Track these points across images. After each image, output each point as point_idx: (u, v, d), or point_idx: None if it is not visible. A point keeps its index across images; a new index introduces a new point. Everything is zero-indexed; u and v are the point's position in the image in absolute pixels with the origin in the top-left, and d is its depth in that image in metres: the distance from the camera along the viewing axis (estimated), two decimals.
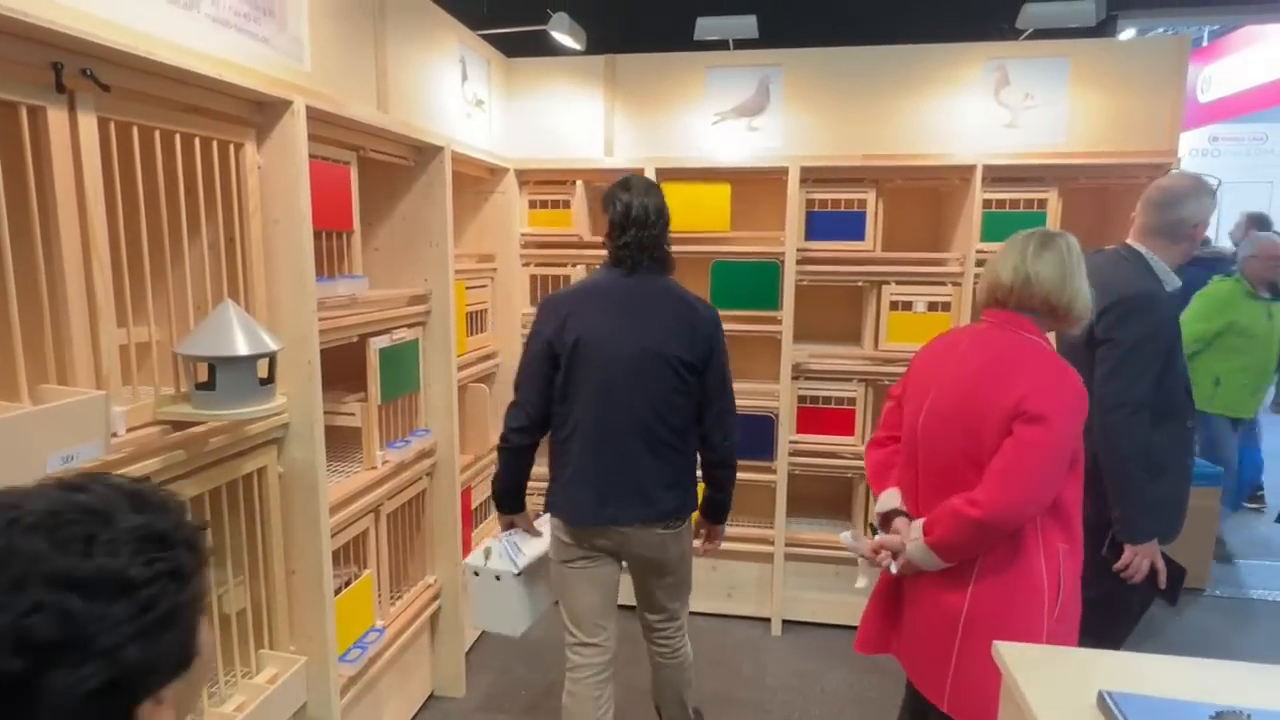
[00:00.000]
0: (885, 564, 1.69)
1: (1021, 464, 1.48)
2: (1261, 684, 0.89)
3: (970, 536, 1.51)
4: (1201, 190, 2.00)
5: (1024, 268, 1.59)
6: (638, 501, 1.88)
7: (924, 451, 1.66)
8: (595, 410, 1.87)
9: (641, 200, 1.90)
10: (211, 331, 1.45)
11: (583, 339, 1.86)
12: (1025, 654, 0.95)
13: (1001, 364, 1.56)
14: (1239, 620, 3.33)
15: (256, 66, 1.59)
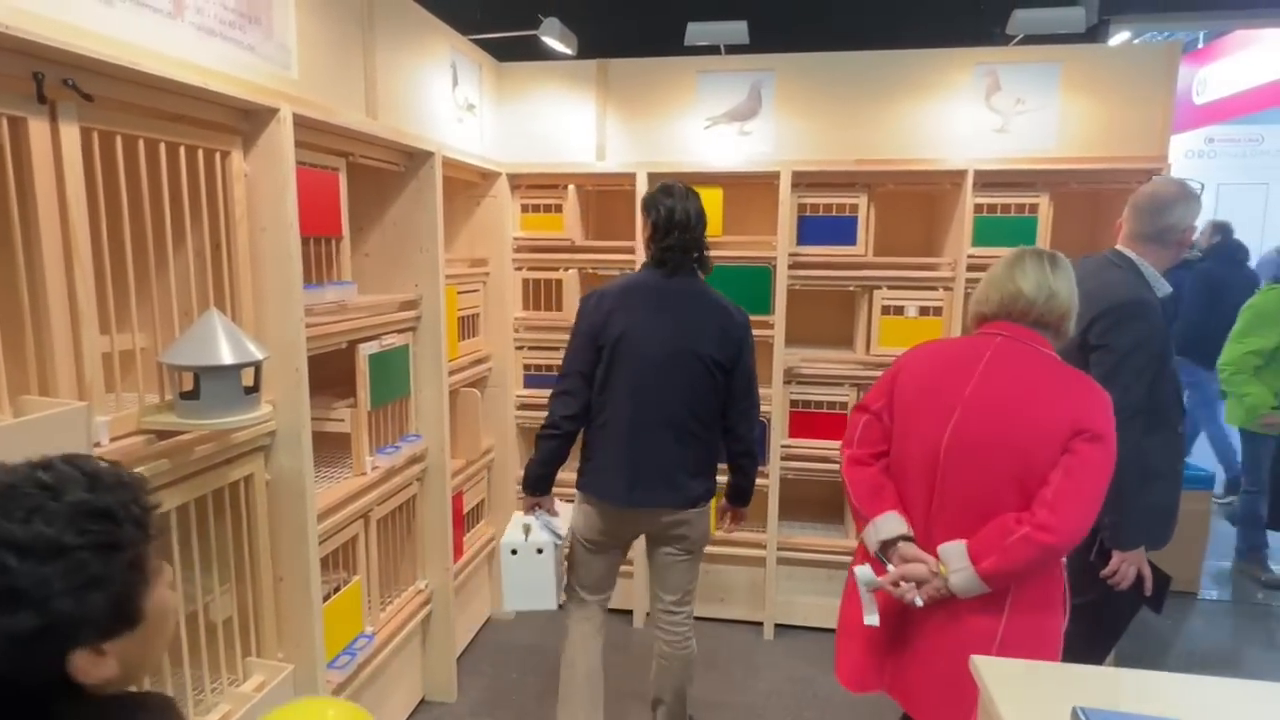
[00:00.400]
0: (909, 597, 1.55)
1: (1089, 483, 1.45)
2: (1234, 699, 0.89)
3: (1036, 561, 1.45)
4: (1188, 196, 2.00)
5: (1048, 283, 1.58)
6: (666, 487, 2.04)
7: (948, 473, 1.56)
8: (632, 400, 2.02)
9: (683, 205, 2.05)
10: (196, 340, 1.45)
11: (626, 334, 2.01)
12: (1002, 669, 0.95)
13: (1045, 381, 1.52)
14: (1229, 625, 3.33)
15: (243, 75, 1.59)
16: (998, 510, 1.50)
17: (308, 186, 1.85)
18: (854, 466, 1.72)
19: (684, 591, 2.20)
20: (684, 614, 2.21)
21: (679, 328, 2.03)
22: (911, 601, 1.55)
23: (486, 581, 3.24)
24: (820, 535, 3.16)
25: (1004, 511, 1.49)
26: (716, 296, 2.10)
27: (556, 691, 2.25)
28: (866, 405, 1.74)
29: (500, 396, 3.18)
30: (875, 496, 1.66)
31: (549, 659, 2.94)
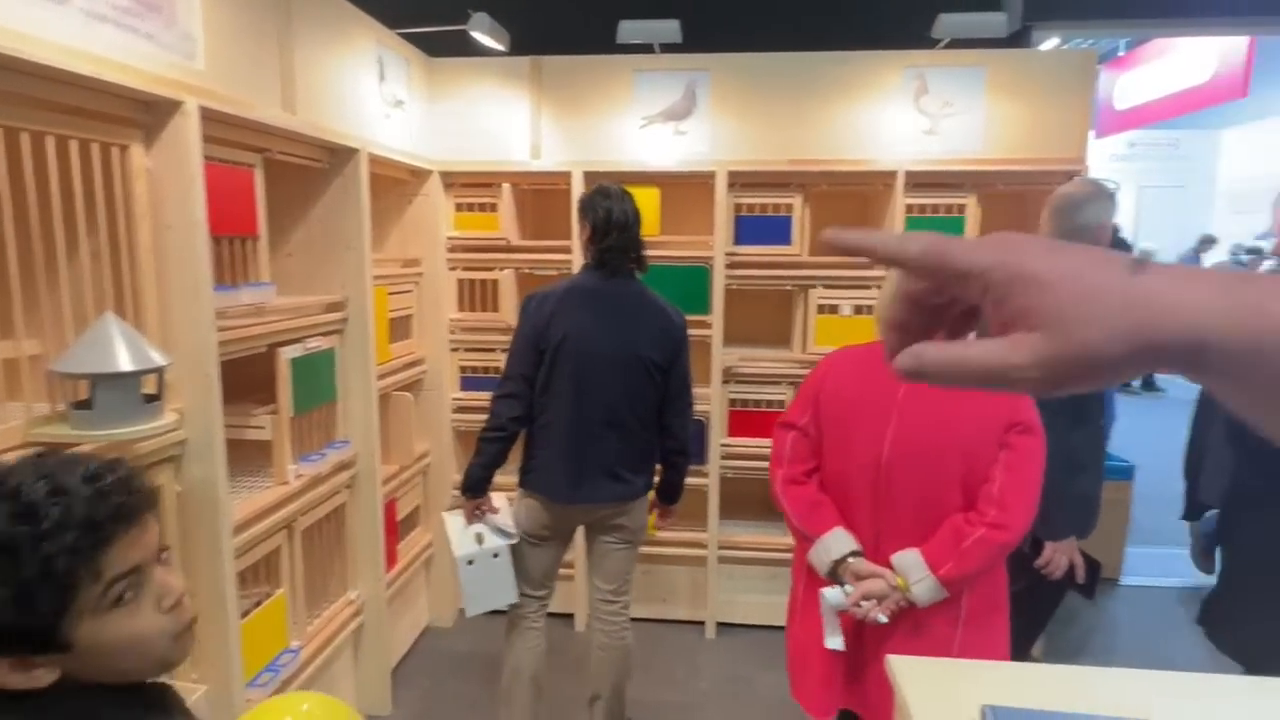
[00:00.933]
0: (872, 616, 1.52)
1: (1030, 475, 1.47)
2: (1135, 691, 0.91)
3: (993, 560, 1.46)
4: (1101, 194, 2.06)
5: None
6: (610, 482, 2.12)
7: (894, 482, 1.55)
8: (575, 401, 2.08)
9: (621, 206, 2.09)
10: (91, 346, 1.36)
11: (568, 336, 2.06)
12: (916, 668, 0.95)
13: None
14: (1148, 608, 3.47)
15: (141, 65, 1.50)
16: (943, 514, 1.50)
17: (219, 183, 1.76)
18: (789, 486, 1.68)
19: (621, 580, 2.26)
20: (621, 603, 2.27)
21: (620, 330, 2.08)
22: (875, 620, 1.52)
23: (424, 589, 3.16)
24: (760, 533, 3.18)
25: (951, 514, 1.49)
26: (655, 298, 2.16)
27: (495, 699, 2.24)
28: (792, 421, 1.71)
29: (436, 400, 3.11)
30: (816, 515, 1.63)
31: (488, 666, 2.89)
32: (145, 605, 0.74)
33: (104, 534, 0.70)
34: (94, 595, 0.70)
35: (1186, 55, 7.50)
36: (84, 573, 0.69)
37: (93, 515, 0.69)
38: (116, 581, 0.71)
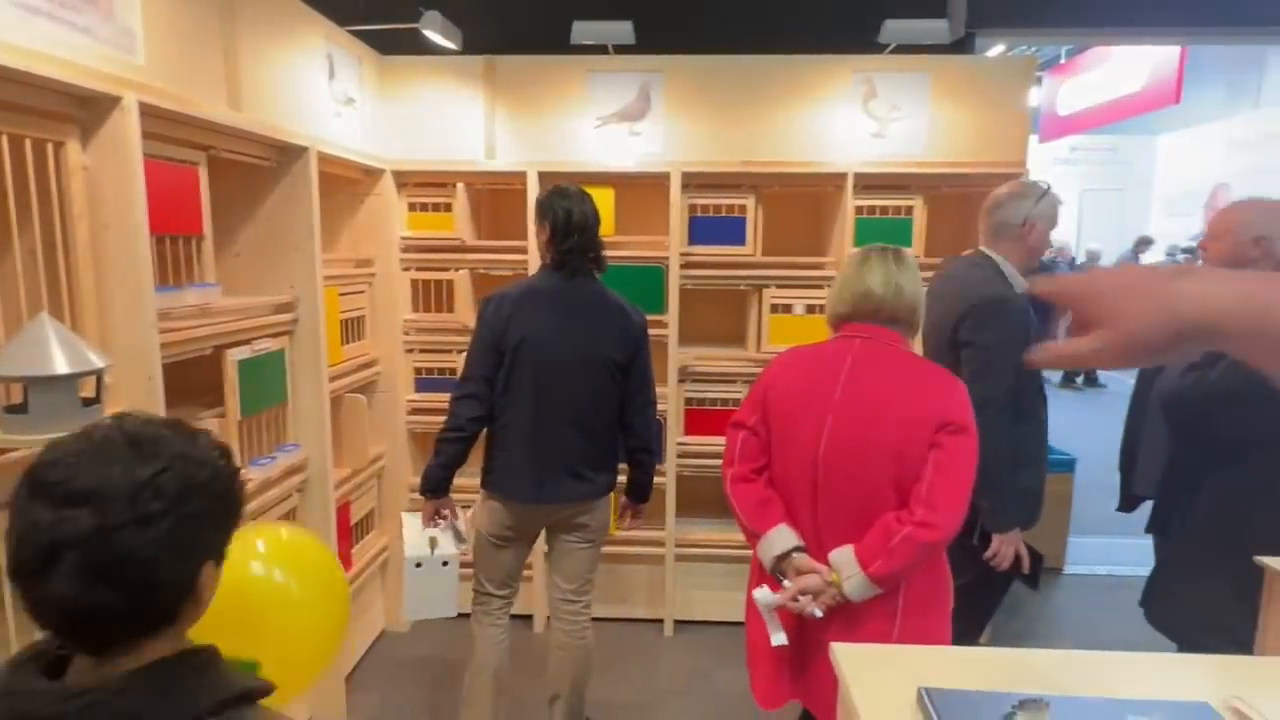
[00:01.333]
0: (808, 610, 1.56)
1: (961, 475, 1.49)
2: (1066, 671, 0.95)
3: (921, 558, 1.49)
4: (1025, 193, 2.13)
5: (894, 279, 1.60)
6: (572, 481, 2.12)
7: (830, 481, 1.57)
8: (536, 401, 2.08)
9: (580, 208, 2.09)
10: (24, 348, 1.32)
11: (528, 338, 2.06)
12: (858, 654, 0.98)
13: (907, 379, 1.56)
14: (1090, 595, 3.60)
15: (77, 59, 1.46)
16: (879, 511, 1.53)
17: (161, 182, 1.72)
18: (738, 484, 1.70)
19: (583, 580, 2.26)
20: (582, 603, 2.27)
21: (580, 330, 2.09)
22: (811, 614, 1.56)
23: (379, 594, 3.12)
24: (717, 530, 3.21)
25: (885, 511, 1.52)
26: (615, 298, 2.17)
27: (452, 703, 2.25)
28: (742, 421, 1.74)
29: (390, 401, 3.07)
30: (762, 512, 1.66)
31: (444, 670, 2.86)
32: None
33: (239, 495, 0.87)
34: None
35: (1122, 64, 7.81)
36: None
37: (229, 485, 0.85)
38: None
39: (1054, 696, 0.85)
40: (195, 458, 0.80)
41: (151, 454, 0.76)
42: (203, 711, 0.75)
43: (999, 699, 0.85)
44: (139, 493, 0.73)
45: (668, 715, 2.64)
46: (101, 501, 0.71)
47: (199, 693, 0.76)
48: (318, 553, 1.46)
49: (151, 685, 0.74)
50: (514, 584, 2.27)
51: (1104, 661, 0.98)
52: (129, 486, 0.73)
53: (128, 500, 0.72)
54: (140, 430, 0.78)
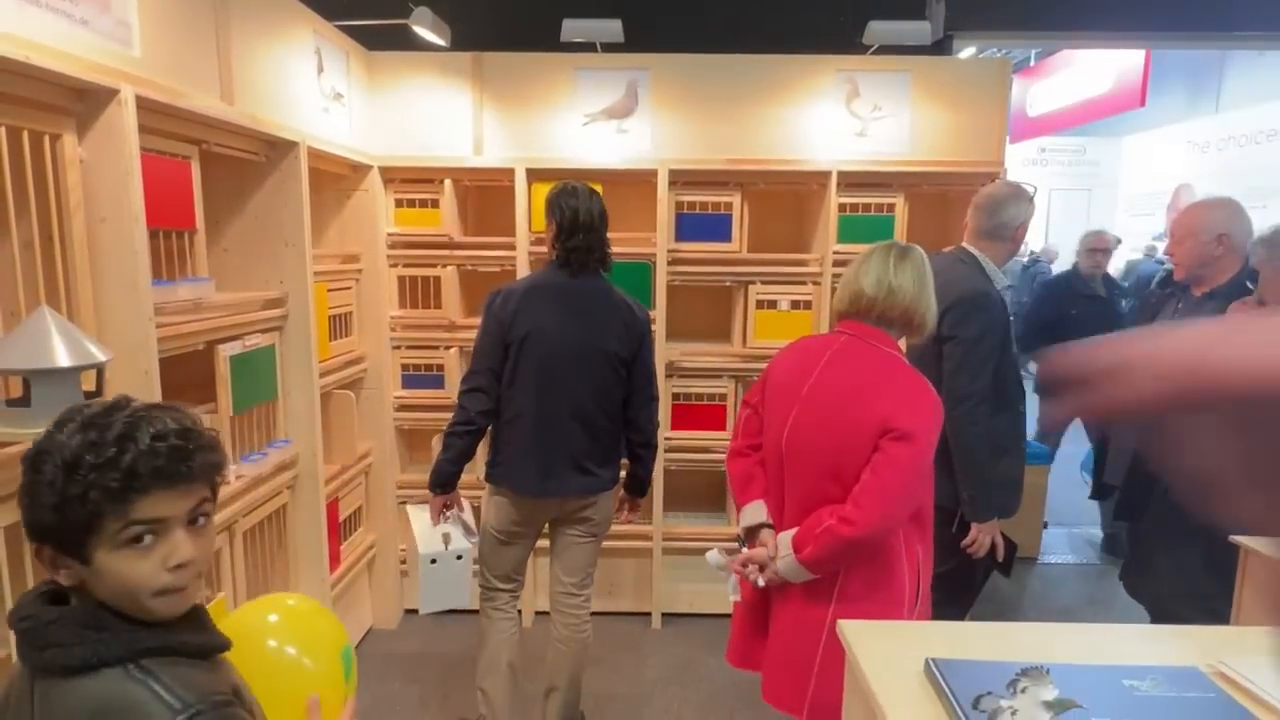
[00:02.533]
0: (753, 578, 1.67)
1: (892, 480, 1.51)
2: (1062, 642, 1.00)
3: (843, 552, 1.55)
4: (1021, 196, 2.21)
5: (887, 279, 1.63)
6: (576, 475, 2.15)
7: (789, 465, 1.66)
8: (541, 395, 2.10)
9: (588, 206, 2.12)
10: (25, 341, 1.31)
11: (533, 333, 2.09)
12: (864, 629, 1.02)
13: (865, 381, 1.59)
14: (1066, 584, 3.71)
15: (74, 51, 1.45)
16: (823, 502, 1.59)
17: (155, 175, 1.71)
18: (732, 458, 1.83)
19: (585, 574, 2.29)
20: (584, 597, 2.30)
21: (585, 326, 2.11)
22: (755, 581, 1.67)
23: (367, 591, 3.11)
24: (703, 524, 3.25)
25: (829, 503, 1.58)
26: (619, 295, 2.19)
27: (440, 698, 2.27)
28: (748, 400, 1.85)
29: (377, 398, 3.07)
30: (745, 486, 1.78)
31: (434, 666, 2.87)
32: (154, 556, 0.82)
33: (139, 485, 0.80)
34: (114, 529, 0.80)
35: (1089, 68, 8.00)
36: (110, 509, 0.79)
37: (137, 467, 0.80)
38: (134, 525, 0.81)
39: (1053, 664, 0.89)
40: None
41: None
42: (122, 655, 0.80)
43: (1003, 668, 0.89)
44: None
45: (658, 706, 2.67)
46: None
47: (122, 636, 0.81)
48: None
49: (82, 620, 0.81)
50: (519, 576, 2.30)
51: (1097, 633, 1.03)
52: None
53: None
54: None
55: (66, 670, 0.79)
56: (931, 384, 1.63)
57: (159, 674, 0.81)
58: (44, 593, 0.85)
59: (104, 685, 0.79)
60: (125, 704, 0.79)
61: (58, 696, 0.80)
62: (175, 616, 0.86)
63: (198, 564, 0.86)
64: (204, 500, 0.87)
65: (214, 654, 0.90)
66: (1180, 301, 2.49)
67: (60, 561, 0.82)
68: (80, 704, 0.79)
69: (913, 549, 1.64)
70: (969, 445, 2.09)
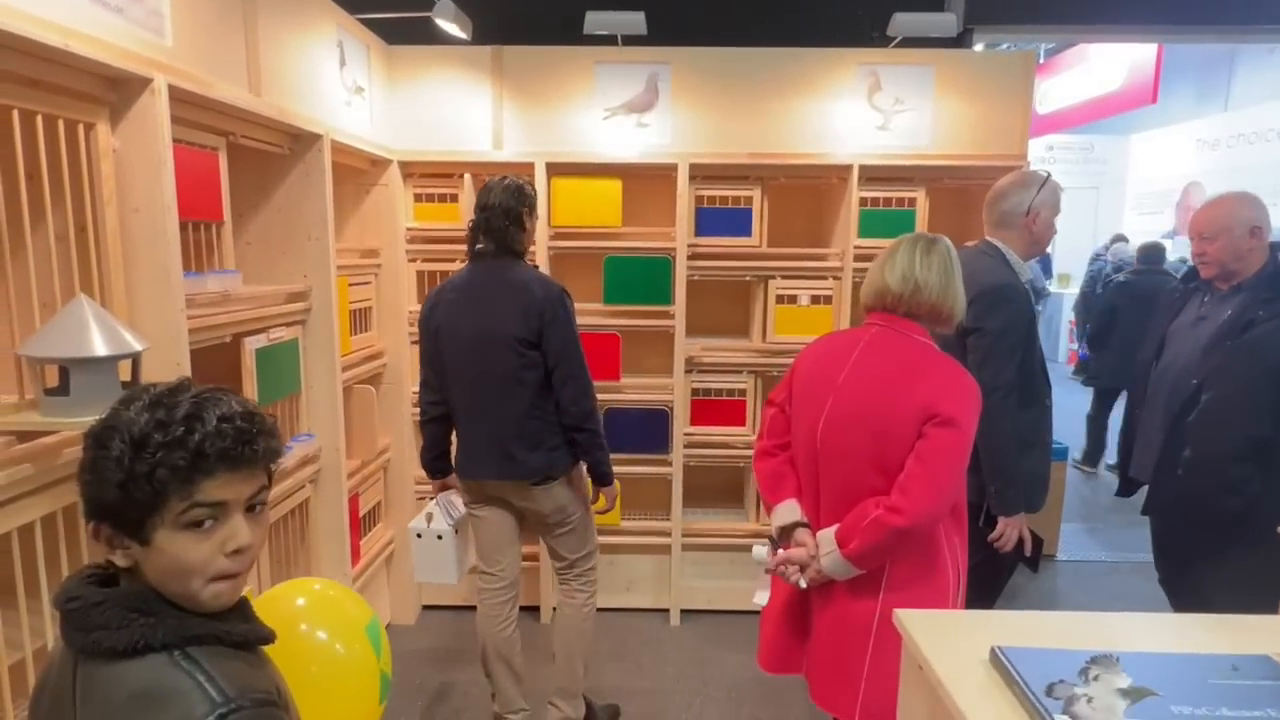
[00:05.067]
0: (793, 579, 1.64)
1: (940, 467, 1.49)
2: (1125, 631, 0.99)
3: (892, 543, 1.52)
4: (1027, 182, 2.17)
5: (913, 275, 1.61)
6: (501, 461, 2.19)
7: (825, 460, 1.63)
8: (455, 386, 2.21)
9: (486, 193, 2.18)
10: (62, 330, 1.31)
11: (441, 327, 2.20)
12: (923, 619, 1.01)
13: (904, 369, 1.57)
14: (1085, 581, 3.69)
15: (108, 38, 1.44)
16: (865, 494, 1.56)
17: (185, 166, 1.70)
18: (760, 459, 1.79)
19: (566, 561, 2.35)
20: (572, 574, 2.36)
21: (481, 313, 2.15)
22: (796, 583, 1.64)
23: (386, 586, 3.11)
24: (722, 520, 3.24)
25: (871, 494, 1.55)
26: (524, 277, 2.18)
27: (457, 691, 2.39)
28: (772, 399, 1.81)
29: (395, 393, 3.06)
30: (776, 486, 1.73)
31: (451, 660, 2.86)
32: (212, 540, 0.82)
33: (206, 466, 0.80)
34: (177, 510, 0.80)
35: (1100, 64, 7.98)
36: (176, 489, 0.79)
37: (204, 448, 0.80)
38: (198, 507, 0.81)
39: (1121, 652, 0.88)
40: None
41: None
42: (168, 641, 0.80)
43: (1071, 655, 0.87)
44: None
45: (679, 702, 2.66)
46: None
47: (169, 621, 0.81)
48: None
49: (129, 603, 0.81)
50: (502, 560, 2.32)
51: (1156, 621, 1.02)
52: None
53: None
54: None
55: (112, 653, 0.79)
56: None
57: (204, 664, 0.80)
58: (90, 576, 0.85)
59: (148, 670, 0.79)
60: (167, 691, 0.78)
61: (101, 678, 0.80)
62: (224, 609, 0.86)
63: (253, 551, 0.86)
64: (262, 488, 0.87)
65: (258, 645, 0.90)
66: (1206, 296, 2.47)
67: (117, 541, 0.82)
68: (122, 687, 0.78)
69: (952, 540, 1.62)
70: (996, 438, 2.07)
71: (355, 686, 1.53)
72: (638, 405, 3.10)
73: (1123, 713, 0.78)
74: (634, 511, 3.25)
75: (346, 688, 1.52)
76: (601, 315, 3.04)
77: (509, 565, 2.34)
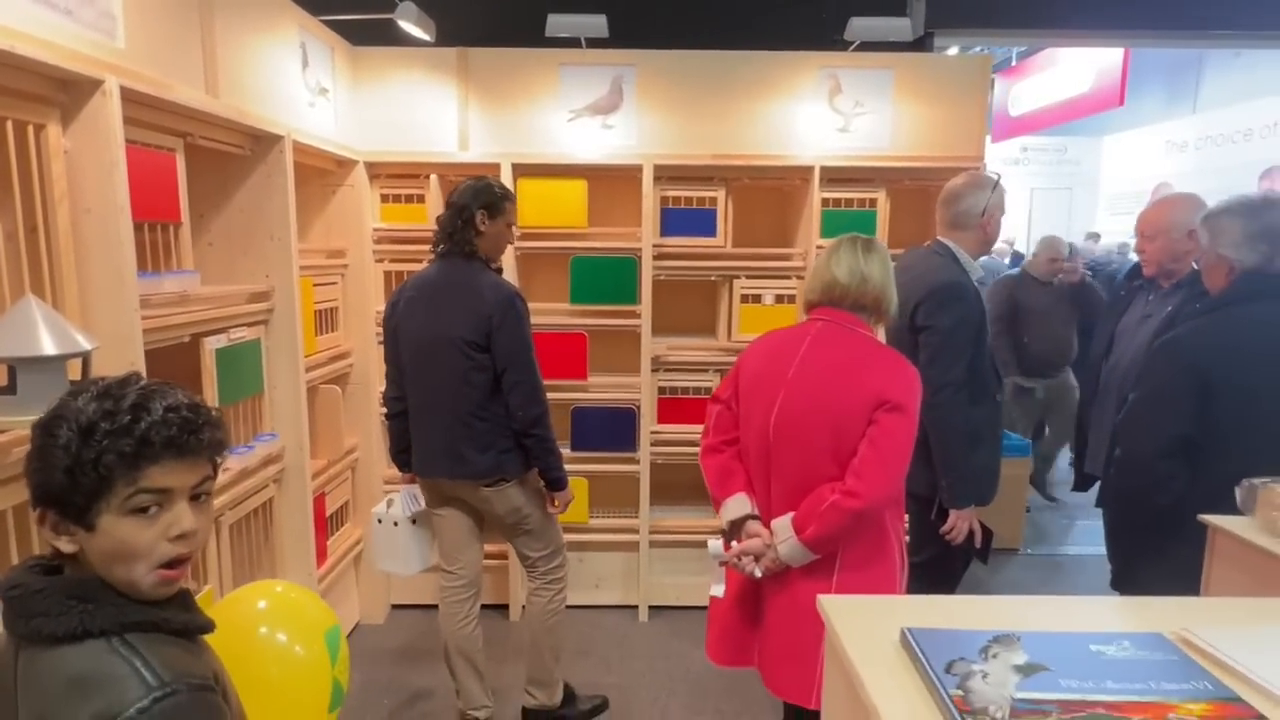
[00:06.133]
0: (749, 570, 1.68)
1: (890, 451, 1.57)
2: (1031, 612, 1.03)
3: (848, 526, 1.58)
4: (980, 184, 2.23)
5: (859, 269, 1.69)
6: (452, 460, 2.22)
7: (778, 452, 1.67)
8: (412, 385, 2.26)
9: (457, 191, 2.22)
10: (10, 329, 1.32)
11: (399, 327, 2.25)
12: (843, 604, 1.05)
13: (853, 359, 1.64)
14: (1047, 574, 3.76)
15: (58, 40, 1.45)
16: (819, 482, 1.62)
17: (140, 167, 1.72)
18: (707, 455, 1.83)
19: (528, 560, 2.39)
20: (537, 573, 2.40)
21: (433, 315, 2.18)
22: (751, 573, 1.68)
23: (354, 586, 3.12)
24: (690, 517, 3.28)
25: (825, 482, 1.61)
26: (475, 278, 2.20)
27: (425, 692, 2.41)
28: (718, 396, 1.86)
29: (362, 394, 3.07)
30: (724, 481, 1.78)
31: (421, 660, 2.88)
32: (157, 526, 0.84)
33: (151, 453, 0.82)
34: (122, 495, 0.82)
35: (1070, 67, 8.10)
36: (122, 475, 0.82)
37: (150, 435, 0.82)
38: (143, 493, 0.83)
39: (1025, 632, 0.92)
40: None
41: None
42: (106, 627, 0.82)
43: (975, 636, 0.92)
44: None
45: (646, 698, 2.69)
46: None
47: (108, 608, 0.83)
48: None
49: (69, 590, 0.83)
50: (462, 559, 2.36)
51: (1065, 603, 1.06)
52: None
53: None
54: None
55: (51, 639, 0.81)
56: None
57: (141, 650, 0.82)
58: (34, 566, 0.87)
59: (86, 655, 0.81)
60: (104, 675, 0.80)
61: (40, 665, 0.81)
62: (164, 599, 0.88)
63: (197, 538, 0.88)
64: (207, 478, 0.89)
65: (197, 633, 0.92)
66: (1150, 294, 2.55)
67: (63, 527, 0.84)
68: (61, 672, 0.80)
69: (896, 523, 1.69)
70: (947, 433, 2.12)
71: (306, 690, 1.54)
72: (605, 404, 3.13)
73: (1013, 686, 0.82)
74: (602, 509, 3.28)
75: (298, 691, 1.53)
76: (568, 315, 3.07)
77: (468, 564, 2.37)
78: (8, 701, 0.83)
